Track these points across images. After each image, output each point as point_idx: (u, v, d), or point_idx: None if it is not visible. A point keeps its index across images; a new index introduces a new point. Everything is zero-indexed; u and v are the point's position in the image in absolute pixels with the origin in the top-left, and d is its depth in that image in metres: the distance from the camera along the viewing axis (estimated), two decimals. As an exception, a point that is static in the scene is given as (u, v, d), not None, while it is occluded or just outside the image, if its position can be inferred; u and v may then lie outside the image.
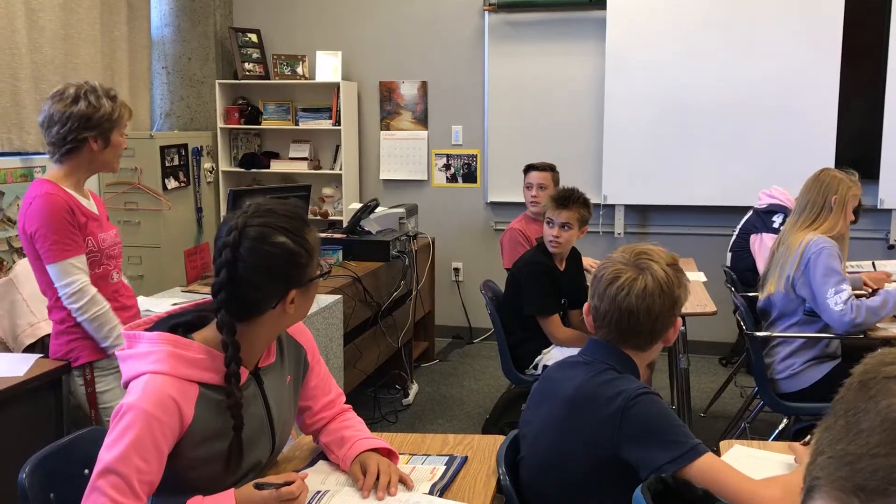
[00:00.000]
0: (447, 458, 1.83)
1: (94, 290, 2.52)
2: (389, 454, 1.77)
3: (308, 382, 1.82)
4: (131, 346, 1.56)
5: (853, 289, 3.23)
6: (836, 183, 3.21)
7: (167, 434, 1.47)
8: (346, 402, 1.91)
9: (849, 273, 3.21)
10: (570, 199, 3.44)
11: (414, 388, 4.76)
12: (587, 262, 3.98)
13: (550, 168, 4.46)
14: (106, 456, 1.44)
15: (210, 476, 1.57)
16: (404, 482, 1.68)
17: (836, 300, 3.03)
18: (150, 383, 1.48)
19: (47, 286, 2.56)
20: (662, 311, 1.70)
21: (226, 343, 1.54)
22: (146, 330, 1.58)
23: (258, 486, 1.54)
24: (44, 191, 2.48)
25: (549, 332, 3.42)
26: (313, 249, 1.61)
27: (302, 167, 5.89)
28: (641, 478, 1.58)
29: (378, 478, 1.66)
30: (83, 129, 2.49)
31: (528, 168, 4.51)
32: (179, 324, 1.61)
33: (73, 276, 2.48)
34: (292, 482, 1.56)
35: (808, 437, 1.95)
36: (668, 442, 1.58)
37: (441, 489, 1.68)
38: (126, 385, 1.54)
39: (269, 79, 5.89)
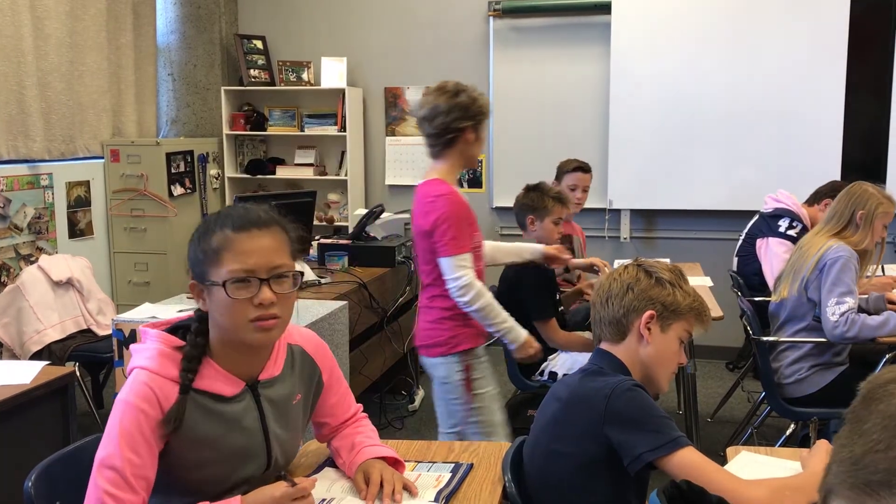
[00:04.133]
0: (453, 465, 1.82)
1: (479, 284, 2.69)
2: (396, 463, 1.75)
3: (327, 400, 1.81)
4: (140, 342, 1.61)
5: (874, 311, 3.22)
6: (866, 198, 3.15)
7: (154, 427, 1.48)
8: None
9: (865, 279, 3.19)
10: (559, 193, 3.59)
11: (420, 394, 4.75)
12: (585, 283, 3.93)
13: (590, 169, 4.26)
14: (100, 452, 1.47)
15: (206, 480, 1.57)
16: (408, 489, 1.67)
17: (835, 310, 3.03)
18: (136, 377, 1.52)
19: (435, 278, 2.73)
20: (620, 300, 1.78)
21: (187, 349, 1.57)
22: (164, 330, 1.61)
23: (281, 478, 1.57)
24: (448, 189, 2.69)
25: (548, 337, 3.37)
26: (214, 251, 1.51)
27: (307, 173, 5.89)
28: (624, 465, 1.61)
29: (382, 486, 1.66)
30: (462, 119, 2.67)
31: (576, 168, 4.16)
32: (188, 327, 1.61)
33: (462, 271, 2.65)
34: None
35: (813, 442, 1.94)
36: (649, 431, 1.60)
37: (447, 496, 1.67)
38: None
39: (274, 85, 5.91)
